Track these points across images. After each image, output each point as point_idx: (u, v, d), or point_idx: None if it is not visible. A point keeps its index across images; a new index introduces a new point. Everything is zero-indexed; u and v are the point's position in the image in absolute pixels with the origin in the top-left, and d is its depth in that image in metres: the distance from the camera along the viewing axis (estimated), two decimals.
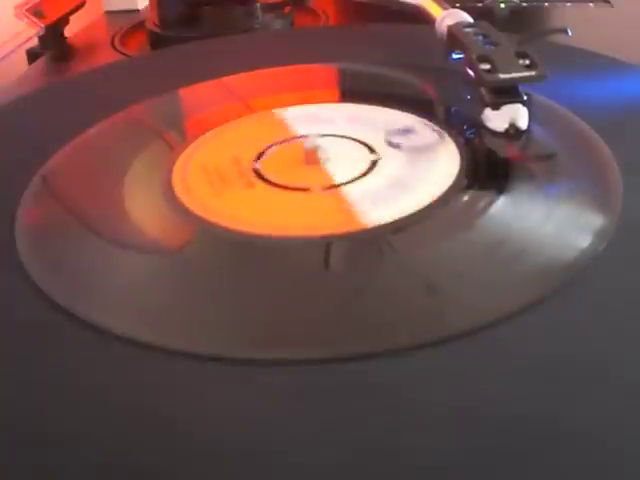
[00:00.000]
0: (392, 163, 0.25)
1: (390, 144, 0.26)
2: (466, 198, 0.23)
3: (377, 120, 0.28)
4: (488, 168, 0.25)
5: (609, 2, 0.46)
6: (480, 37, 0.28)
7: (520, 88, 0.26)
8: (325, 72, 0.34)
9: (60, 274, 0.22)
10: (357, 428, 0.16)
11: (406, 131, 0.27)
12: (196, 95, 0.32)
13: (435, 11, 0.32)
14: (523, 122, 0.26)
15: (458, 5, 0.33)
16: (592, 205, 0.22)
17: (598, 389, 0.17)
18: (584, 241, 0.21)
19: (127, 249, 0.23)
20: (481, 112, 0.26)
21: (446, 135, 0.26)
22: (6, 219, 0.24)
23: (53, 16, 0.45)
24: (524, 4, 0.46)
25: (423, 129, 0.27)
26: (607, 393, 0.17)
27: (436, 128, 0.27)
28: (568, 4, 0.46)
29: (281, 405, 0.17)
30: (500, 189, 0.23)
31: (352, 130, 0.27)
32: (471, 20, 0.30)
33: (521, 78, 0.25)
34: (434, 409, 0.17)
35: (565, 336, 0.18)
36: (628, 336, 0.18)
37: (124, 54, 0.44)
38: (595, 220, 0.22)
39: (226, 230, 0.22)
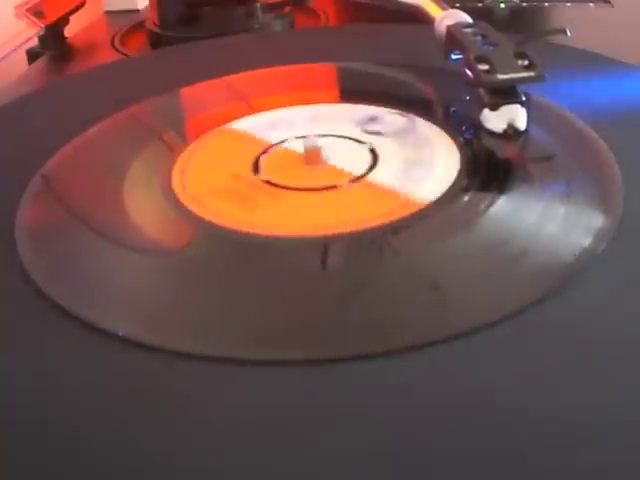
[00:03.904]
0: (390, 148, 0.25)
1: (370, 132, 0.26)
2: (466, 198, 0.23)
3: (338, 115, 0.28)
4: (487, 168, 0.25)
5: (609, 2, 0.46)
6: (479, 37, 0.28)
7: (519, 88, 0.26)
8: (325, 72, 0.34)
9: (60, 274, 0.22)
10: (357, 428, 0.16)
11: (374, 119, 0.27)
12: (196, 95, 0.32)
13: (434, 11, 0.32)
14: (522, 123, 0.26)
15: (458, 5, 0.33)
16: (592, 205, 0.22)
17: (598, 389, 0.17)
18: (584, 241, 0.21)
19: (127, 249, 0.23)
20: (480, 113, 0.26)
21: (414, 117, 0.27)
22: (6, 219, 0.24)
23: (53, 16, 0.45)
24: (524, 4, 0.46)
25: (387, 115, 0.28)
26: (607, 393, 0.17)
27: (400, 112, 0.27)
28: (568, 4, 0.46)
29: (281, 405, 0.17)
30: (499, 189, 0.23)
31: (321, 129, 0.27)
32: (470, 20, 0.30)
33: (520, 79, 0.25)
34: (434, 409, 0.17)
35: (565, 336, 0.18)
36: (628, 336, 0.18)
37: (124, 54, 0.44)
38: (595, 220, 0.22)
39: (226, 230, 0.22)
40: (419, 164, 0.25)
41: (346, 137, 0.27)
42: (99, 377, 0.18)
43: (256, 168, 0.25)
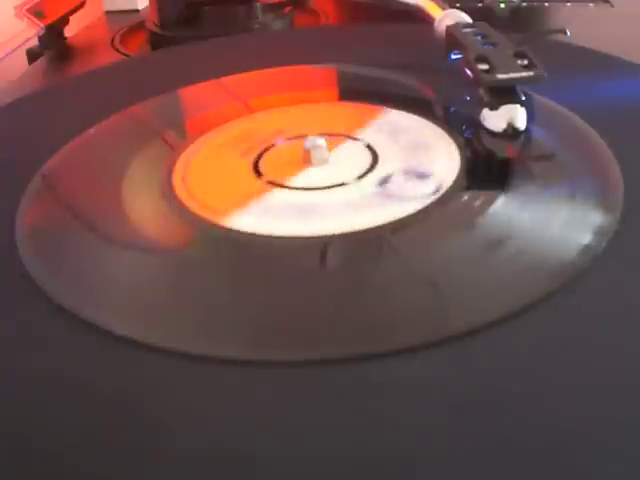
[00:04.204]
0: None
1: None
2: (466, 198, 0.23)
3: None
4: (487, 168, 0.25)
5: (609, 2, 0.46)
6: (479, 37, 0.28)
7: (518, 88, 0.26)
8: (325, 72, 0.34)
9: (60, 274, 0.22)
10: (357, 428, 0.16)
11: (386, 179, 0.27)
12: (196, 95, 0.32)
13: (434, 11, 0.32)
14: (521, 122, 0.26)
15: (458, 5, 0.33)
16: (592, 204, 0.22)
17: (599, 389, 0.17)
18: (584, 241, 0.21)
19: (127, 249, 0.23)
20: (479, 112, 0.26)
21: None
22: (6, 219, 0.24)
23: (53, 16, 0.45)
24: (524, 4, 0.46)
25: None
26: (607, 393, 0.17)
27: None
28: (568, 4, 0.46)
29: (281, 405, 0.17)
30: (499, 189, 0.23)
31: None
32: (470, 20, 0.30)
33: (519, 78, 0.25)
34: (434, 409, 0.17)
35: (566, 336, 0.18)
36: (629, 336, 0.18)
37: (124, 54, 0.44)
38: (595, 219, 0.22)
39: (226, 230, 0.22)
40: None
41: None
42: (99, 377, 0.18)
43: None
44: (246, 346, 0.19)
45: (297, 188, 0.24)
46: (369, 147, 0.26)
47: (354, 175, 0.24)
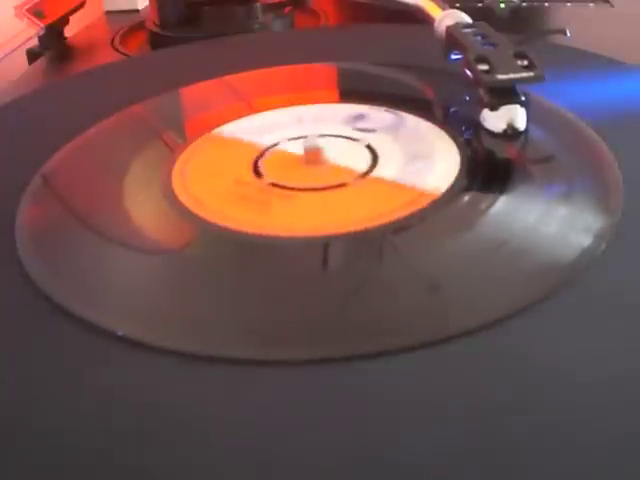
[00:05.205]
0: (387, 144, 0.26)
1: (362, 130, 0.26)
2: (466, 198, 0.23)
3: (324, 116, 0.28)
4: (487, 168, 0.25)
5: (609, 2, 0.46)
6: (479, 38, 0.28)
7: (518, 89, 0.26)
8: (325, 72, 0.34)
9: (60, 274, 0.22)
10: (358, 428, 0.16)
11: (361, 116, 0.27)
12: (196, 95, 0.32)
13: (434, 12, 0.32)
14: (521, 123, 0.26)
15: (458, 5, 0.33)
16: (592, 205, 0.22)
17: (598, 389, 0.17)
18: (584, 241, 0.21)
19: (127, 249, 0.23)
20: (479, 113, 0.26)
21: (402, 113, 0.27)
22: (6, 219, 0.24)
23: (53, 16, 0.45)
24: (524, 4, 0.46)
25: (374, 112, 0.28)
26: (607, 393, 0.17)
27: (386, 109, 0.28)
28: (568, 4, 0.46)
29: (281, 405, 0.17)
30: (499, 189, 0.23)
31: (307, 129, 0.27)
32: (470, 20, 0.30)
33: (519, 79, 0.25)
34: (434, 409, 0.17)
35: (565, 336, 0.18)
36: (628, 336, 0.18)
37: (124, 54, 0.44)
38: (595, 220, 0.22)
39: (226, 230, 0.22)
40: (419, 164, 0.25)
41: (342, 136, 0.27)
42: (99, 377, 0.18)
43: (258, 173, 0.25)
44: (246, 346, 0.19)
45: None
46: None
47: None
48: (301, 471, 0.16)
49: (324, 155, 0.25)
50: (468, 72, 0.26)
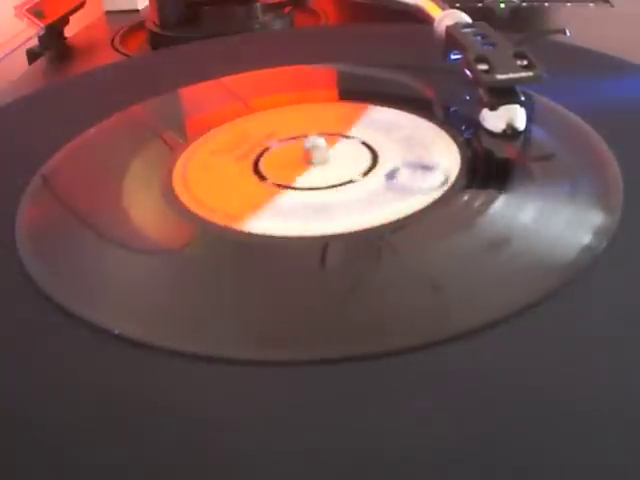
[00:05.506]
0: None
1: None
2: (466, 198, 0.23)
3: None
4: (487, 168, 0.25)
5: (609, 2, 0.46)
6: (478, 37, 0.28)
7: (518, 88, 0.26)
8: (325, 72, 0.34)
9: (60, 274, 0.22)
10: (358, 428, 0.16)
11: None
12: (196, 95, 0.32)
13: (434, 11, 0.32)
14: (521, 123, 0.26)
15: (458, 5, 0.33)
16: (592, 204, 0.22)
17: (598, 388, 0.17)
18: (584, 241, 0.21)
19: (127, 249, 0.23)
20: (479, 112, 0.26)
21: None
22: (6, 219, 0.24)
23: (53, 16, 0.45)
24: (524, 4, 0.46)
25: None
26: (607, 392, 0.17)
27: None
28: (568, 4, 0.46)
29: (281, 405, 0.17)
30: (499, 189, 0.23)
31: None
32: (470, 20, 0.30)
33: (519, 79, 0.25)
34: (435, 409, 0.17)
35: (565, 336, 0.18)
36: (629, 336, 0.18)
37: (124, 54, 0.44)
38: (595, 219, 0.22)
39: (227, 230, 0.22)
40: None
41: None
42: (99, 377, 0.18)
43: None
44: (246, 346, 0.19)
45: (304, 188, 0.24)
46: (368, 146, 0.26)
47: (358, 172, 0.24)
48: (301, 471, 0.16)
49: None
50: (468, 72, 0.26)
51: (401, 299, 0.20)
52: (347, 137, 0.27)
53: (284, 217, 0.23)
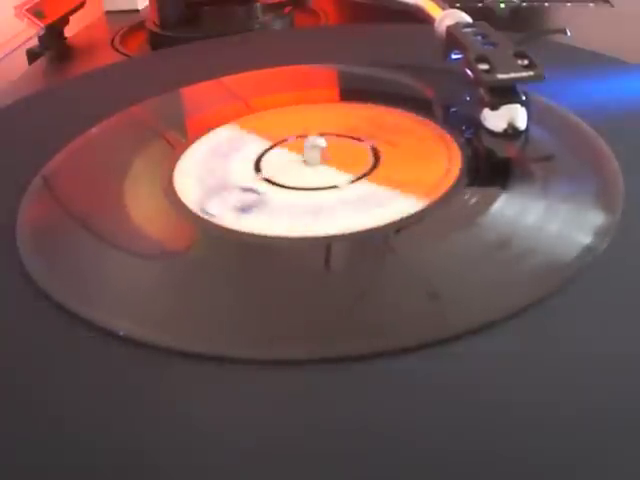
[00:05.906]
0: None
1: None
2: (466, 198, 0.23)
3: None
4: (488, 168, 0.25)
5: (609, 2, 0.46)
6: (479, 37, 0.28)
7: (519, 88, 0.26)
8: (325, 72, 0.34)
9: (60, 274, 0.22)
10: (358, 428, 0.16)
11: None
12: (196, 95, 0.32)
13: (434, 11, 0.32)
14: (521, 122, 0.26)
15: (458, 5, 0.33)
16: (592, 204, 0.22)
17: (598, 388, 0.17)
18: (584, 241, 0.21)
19: (127, 249, 0.23)
20: (480, 112, 0.26)
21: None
22: (6, 219, 0.24)
23: (53, 16, 0.45)
24: (524, 4, 0.46)
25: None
26: (607, 392, 0.17)
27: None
28: (568, 4, 0.46)
29: (282, 405, 0.17)
30: (500, 189, 0.23)
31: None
32: (470, 20, 0.30)
33: (519, 78, 0.25)
34: (435, 409, 0.17)
35: (565, 336, 0.18)
36: (628, 336, 0.18)
37: (124, 54, 0.44)
38: (595, 219, 0.22)
39: (227, 230, 0.22)
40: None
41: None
42: (99, 377, 0.18)
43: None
44: (246, 346, 0.19)
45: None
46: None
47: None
48: (301, 471, 0.16)
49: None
50: (468, 72, 0.26)
51: (403, 300, 0.20)
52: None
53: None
